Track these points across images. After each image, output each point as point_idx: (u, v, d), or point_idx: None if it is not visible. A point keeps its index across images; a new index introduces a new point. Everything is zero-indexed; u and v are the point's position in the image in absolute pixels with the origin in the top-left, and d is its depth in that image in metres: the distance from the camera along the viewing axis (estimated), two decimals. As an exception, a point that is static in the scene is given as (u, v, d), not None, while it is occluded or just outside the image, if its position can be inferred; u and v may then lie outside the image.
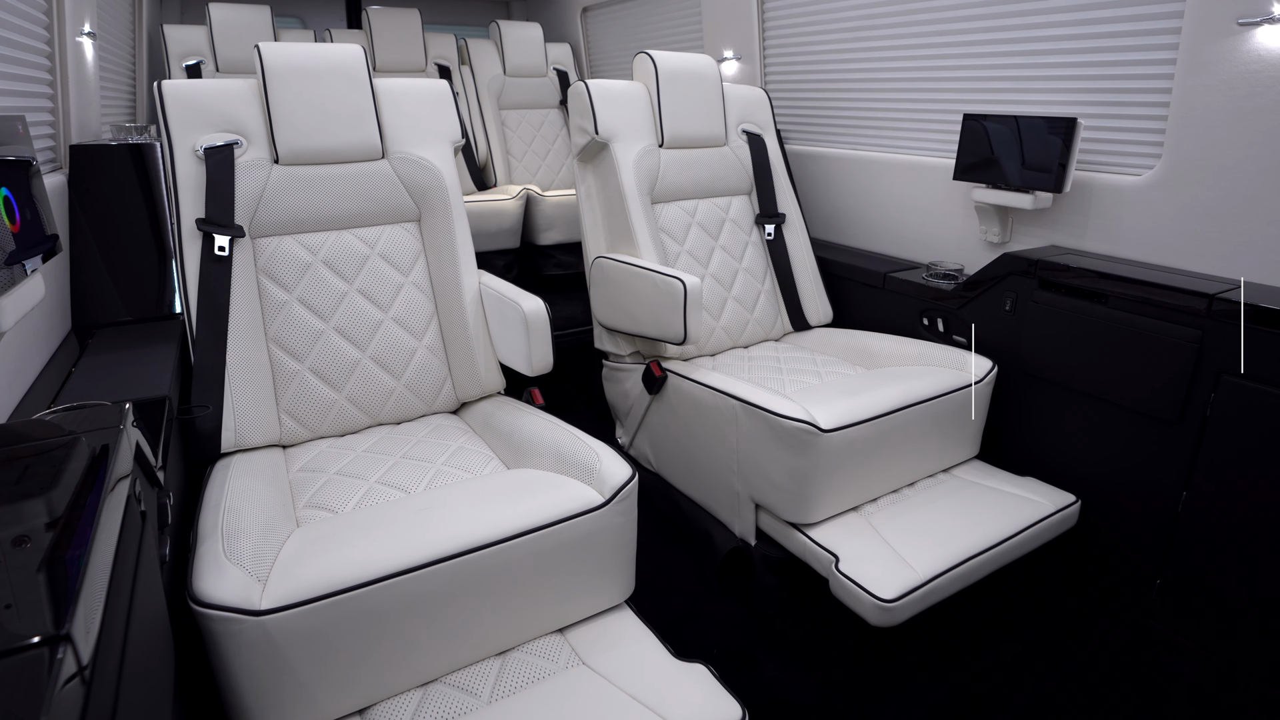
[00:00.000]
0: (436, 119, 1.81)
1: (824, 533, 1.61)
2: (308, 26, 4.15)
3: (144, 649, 0.77)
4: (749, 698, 1.52)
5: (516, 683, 1.20)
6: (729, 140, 2.27)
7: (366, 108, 1.69)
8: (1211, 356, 1.52)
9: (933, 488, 1.79)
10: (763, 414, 1.58)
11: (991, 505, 1.69)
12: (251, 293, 1.59)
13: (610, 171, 2.07)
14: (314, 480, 1.43)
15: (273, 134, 1.62)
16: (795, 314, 2.28)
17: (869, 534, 1.60)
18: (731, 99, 2.30)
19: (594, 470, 1.31)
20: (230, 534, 1.12)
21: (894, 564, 1.49)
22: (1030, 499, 1.72)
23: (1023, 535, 1.61)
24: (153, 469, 1.01)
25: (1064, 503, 1.72)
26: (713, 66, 2.21)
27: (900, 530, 1.60)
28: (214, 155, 1.56)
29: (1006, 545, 1.58)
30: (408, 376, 1.72)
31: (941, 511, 1.67)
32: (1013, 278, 1.88)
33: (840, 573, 1.48)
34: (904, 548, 1.54)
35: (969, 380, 1.79)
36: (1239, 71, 1.54)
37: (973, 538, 1.57)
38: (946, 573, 1.48)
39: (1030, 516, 1.65)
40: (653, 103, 2.13)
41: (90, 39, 1.94)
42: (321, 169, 1.67)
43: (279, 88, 1.61)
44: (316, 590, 1.05)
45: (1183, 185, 1.68)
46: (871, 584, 1.44)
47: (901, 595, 1.41)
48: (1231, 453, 1.51)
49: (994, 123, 1.96)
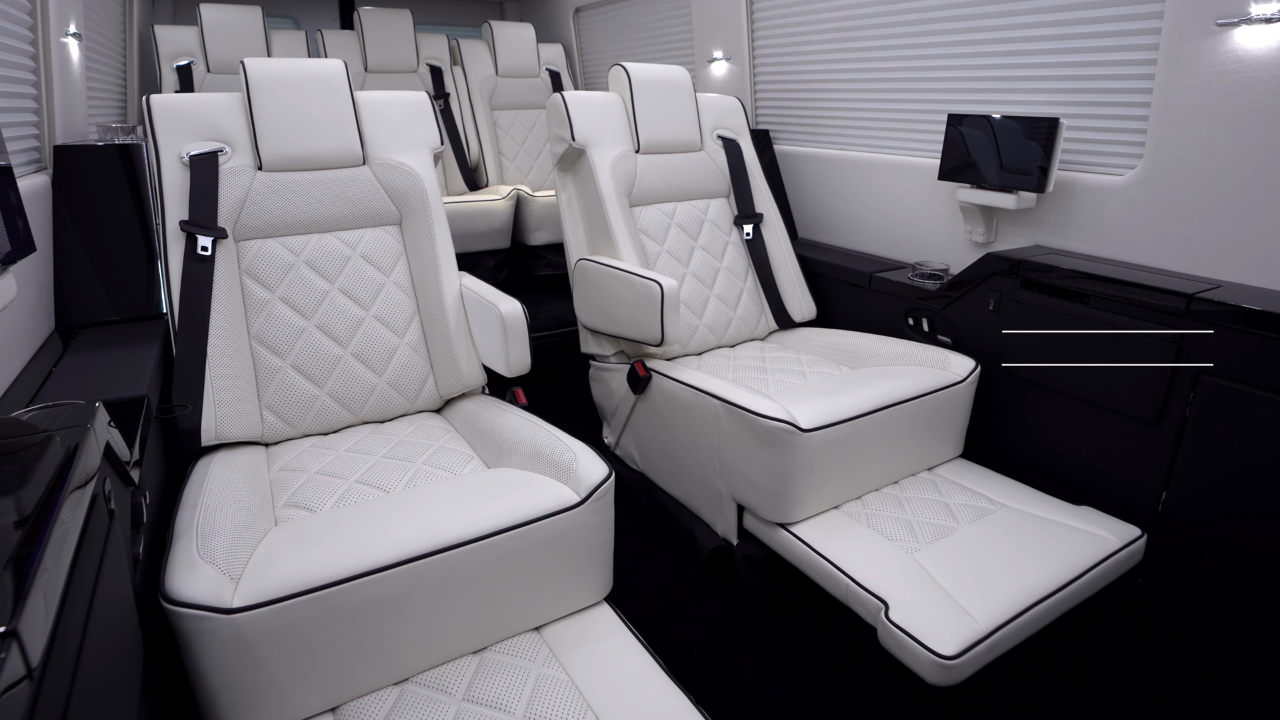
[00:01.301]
0: (416, 126, 1.85)
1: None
2: (300, 27, 4.15)
3: (107, 648, 0.77)
4: (727, 697, 1.53)
5: (491, 681, 1.21)
6: (705, 145, 2.31)
7: (347, 116, 1.74)
8: (1190, 356, 1.52)
9: (970, 516, 1.63)
10: (743, 413, 1.58)
11: (1046, 539, 1.53)
12: (235, 292, 1.62)
13: (588, 176, 2.10)
14: (294, 479, 1.43)
15: (256, 142, 1.66)
16: (779, 311, 2.29)
17: (918, 574, 1.42)
18: (705, 106, 2.35)
19: (570, 469, 1.31)
20: (205, 532, 1.13)
21: (950, 612, 1.31)
22: (1091, 532, 1.55)
23: (1088, 576, 1.44)
24: (125, 468, 1.01)
25: (1129, 536, 1.54)
26: (685, 75, 2.26)
27: (950, 569, 1.43)
28: (199, 162, 1.60)
29: (1073, 588, 1.41)
30: (389, 373, 1.73)
31: (990, 547, 1.50)
32: (996, 278, 1.88)
33: (891, 622, 1.29)
34: (957, 590, 1.37)
35: (951, 380, 1.80)
36: (1218, 72, 1.55)
37: (1034, 578, 1.40)
38: (1011, 622, 1.30)
39: (1094, 554, 1.47)
40: (628, 111, 2.18)
41: (76, 40, 1.95)
42: (304, 175, 1.71)
43: (262, 98, 1.67)
44: (289, 589, 1.06)
45: (1164, 185, 1.69)
46: (929, 636, 1.25)
47: (963, 650, 1.23)
48: (1210, 453, 1.51)
49: (977, 123, 1.96)
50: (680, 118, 2.23)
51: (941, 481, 1.80)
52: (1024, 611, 1.33)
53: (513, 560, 1.23)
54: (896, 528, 1.60)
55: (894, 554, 1.49)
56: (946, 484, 1.79)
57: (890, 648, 1.30)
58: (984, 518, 1.61)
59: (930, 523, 1.61)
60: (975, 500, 1.70)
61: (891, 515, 1.65)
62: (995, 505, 1.67)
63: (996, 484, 1.78)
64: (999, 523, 1.59)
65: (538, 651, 1.28)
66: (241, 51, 3.18)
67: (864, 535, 1.57)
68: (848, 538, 1.57)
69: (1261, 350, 1.41)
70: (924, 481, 1.80)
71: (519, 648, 1.29)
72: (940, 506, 1.67)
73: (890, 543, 1.53)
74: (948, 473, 1.84)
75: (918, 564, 1.46)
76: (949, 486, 1.77)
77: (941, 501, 1.70)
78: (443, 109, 3.56)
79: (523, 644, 1.30)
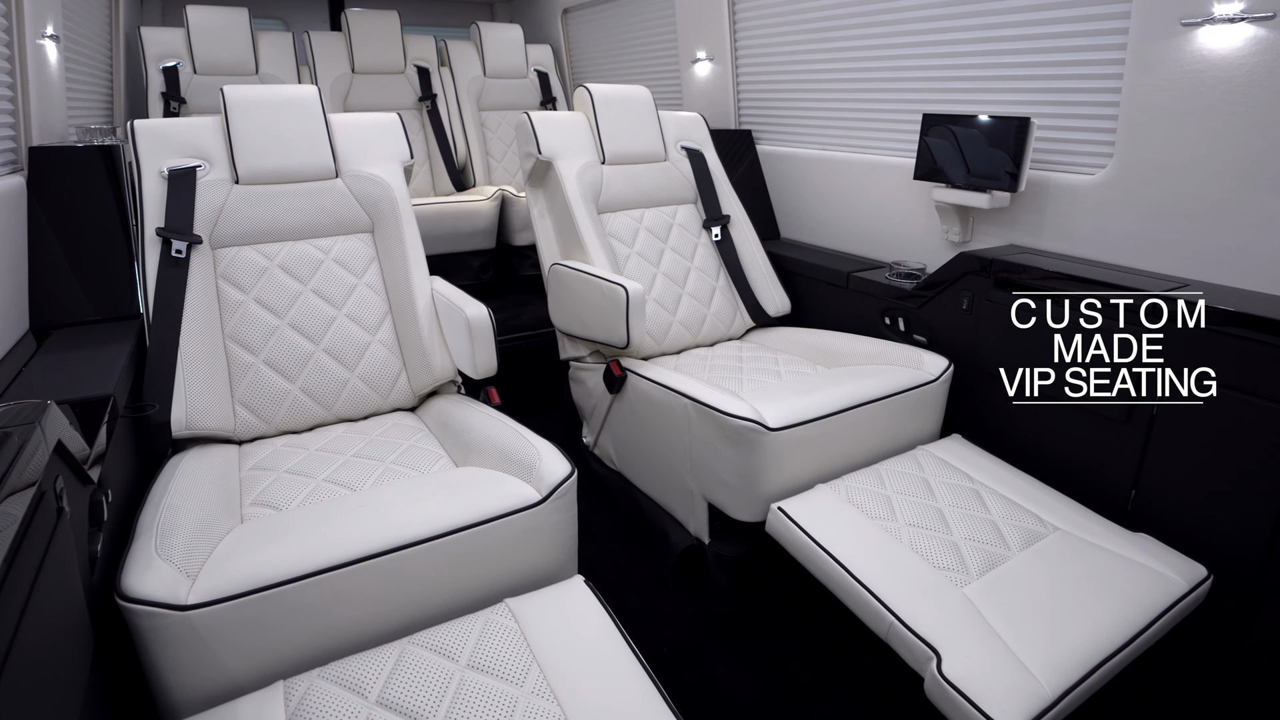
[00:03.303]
0: (386, 141, 1.94)
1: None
2: (290, 28, 4.16)
3: (47, 644, 0.78)
4: (696, 695, 1.53)
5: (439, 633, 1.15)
6: (669, 155, 2.39)
7: (320, 134, 1.83)
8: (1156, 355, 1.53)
9: (1032, 551, 1.42)
10: (712, 412, 1.59)
11: (1103, 576, 1.34)
12: (210, 294, 1.66)
13: (556, 186, 2.17)
14: (264, 478, 1.44)
15: (233, 157, 1.75)
16: (753, 306, 2.32)
17: (969, 614, 1.25)
18: (668, 120, 2.43)
19: (533, 468, 1.32)
20: (165, 530, 1.14)
21: (1011, 670, 1.14)
22: (1155, 570, 1.36)
23: (1158, 624, 1.27)
24: (81, 466, 1.02)
25: (1195, 576, 1.37)
26: (645, 93, 2.36)
27: (1004, 610, 1.26)
28: (177, 175, 1.68)
29: (1141, 639, 1.24)
30: (361, 368, 1.75)
31: (1046, 585, 1.32)
32: (969, 277, 1.89)
33: (943, 677, 1.13)
34: (1017, 643, 1.19)
35: (924, 379, 1.80)
36: (1184, 72, 1.55)
37: (1100, 627, 1.23)
38: (1079, 684, 1.15)
39: (1162, 597, 1.30)
40: (592, 127, 2.26)
41: (53, 41, 1.96)
42: (279, 187, 1.79)
43: (240, 119, 1.76)
44: (244, 585, 1.06)
45: (1133, 185, 1.69)
46: (988, 701, 1.09)
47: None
48: (1176, 449, 1.52)
49: (951, 123, 1.97)
50: (642, 130, 2.32)
51: (932, 472, 1.67)
52: (1093, 671, 1.16)
53: (472, 558, 1.24)
54: (880, 506, 1.50)
55: (943, 588, 1.31)
56: (937, 471, 1.67)
57: (937, 702, 1.15)
58: (1036, 542, 1.44)
59: (941, 523, 1.48)
60: (970, 485, 1.60)
61: (872, 491, 1.56)
62: (1047, 528, 1.48)
63: (987, 464, 1.69)
64: (1053, 552, 1.41)
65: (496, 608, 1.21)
66: (228, 53, 3.19)
67: (896, 551, 1.40)
68: (873, 548, 1.41)
69: (1222, 349, 1.42)
70: (914, 479, 1.64)
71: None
72: (934, 511, 1.54)
73: (937, 571, 1.35)
74: (941, 453, 1.74)
75: (969, 601, 1.28)
76: (939, 468, 1.67)
77: (935, 506, 1.56)
78: (429, 110, 3.57)
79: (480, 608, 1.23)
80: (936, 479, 1.64)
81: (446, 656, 1.09)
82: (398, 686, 1.03)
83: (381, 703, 1.01)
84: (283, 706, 1.00)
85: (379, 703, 1.01)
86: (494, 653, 1.10)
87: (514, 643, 1.12)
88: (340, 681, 1.04)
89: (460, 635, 1.13)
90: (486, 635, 1.13)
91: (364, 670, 1.06)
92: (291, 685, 1.04)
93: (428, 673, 1.06)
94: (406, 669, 1.06)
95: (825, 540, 1.44)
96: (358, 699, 1.02)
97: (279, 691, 1.03)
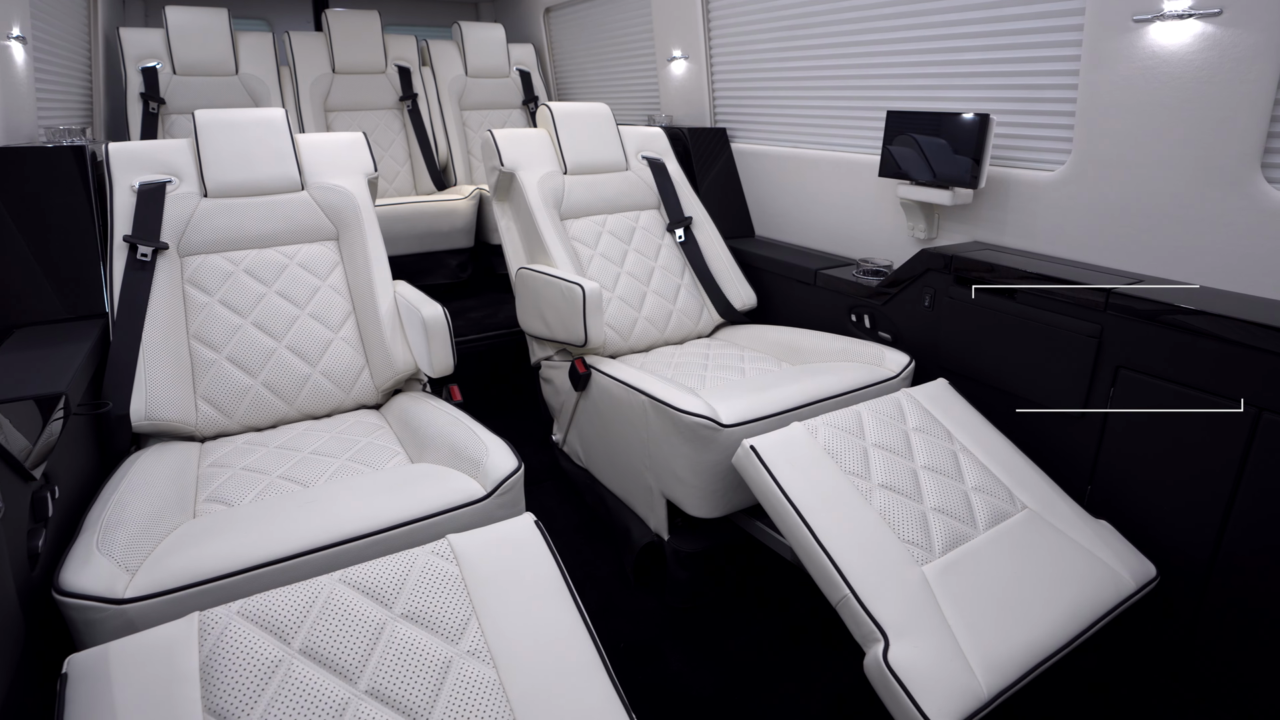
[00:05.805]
0: (350, 155, 2.01)
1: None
2: (273, 29, 4.17)
3: None
4: (651, 691, 1.54)
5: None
6: (630, 165, 2.46)
7: (286, 151, 1.90)
8: (1110, 350, 1.53)
9: (997, 532, 1.41)
10: (667, 409, 1.60)
11: (1064, 568, 1.35)
12: (176, 297, 1.70)
13: (520, 195, 2.23)
14: (219, 474, 1.45)
15: (202, 173, 1.81)
16: (720, 302, 2.35)
17: (927, 602, 1.24)
18: (629, 134, 2.52)
19: (480, 463, 1.33)
20: (109, 526, 1.15)
21: (953, 667, 1.15)
22: (1110, 567, 1.37)
23: (1100, 624, 1.30)
24: (19, 463, 1.03)
25: (1145, 577, 1.39)
26: (605, 109, 2.46)
27: (960, 599, 1.26)
28: (147, 189, 1.74)
29: (1082, 639, 1.27)
30: (323, 364, 1.78)
31: (1003, 573, 1.32)
32: (931, 274, 1.89)
33: (887, 664, 1.14)
34: (965, 636, 1.20)
35: (884, 375, 1.81)
36: (1137, 68, 1.56)
37: (1047, 626, 1.24)
38: (1015, 686, 1.16)
39: (1110, 597, 1.32)
40: (554, 142, 2.34)
41: (20, 43, 1.97)
42: (245, 199, 1.84)
43: (209, 138, 1.84)
44: (184, 580, 1.07)
45: (1090, 181, 1.70)
46: (924, 694, 1.10)
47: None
48: (1130, 446, 1.52)
49: (912, 120, 1.97)
50: (602, 142, 2.40)
51: (914, 423, 1.62)
52: (1030, 672, 1.19)
53: None
54: (856, 460, 1.46)
55: (903, 564, 1.29)
56: (919, 421, 1.62)
57: (875, 683, 1.16)
58: (1002, 521, 1.43)
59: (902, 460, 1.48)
60: (949, 444, 1.57)
61: (850, 439, 1.51)
62: (1016, 505, 1.48)
63: (969, 420, 1.66)
64: (1016, 534, 1.41)
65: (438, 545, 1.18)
66: (207, 53, 3.20)
67: (864, 516, 1.36)
68: (841, 509, 1.36)
69: (1174, 345, 1.42)
70: (894, 429, 1.58)
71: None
72: (909, 473, 1.50)
73: (901, 544, 1.33)
74: (925, 400, 1.70)
75: (926, 583, 1.28)
76: (922, 419, 1.62)
77: (911, 467, 1.51)
78: (410, 109, 3.58)
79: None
80: (917, 433, 1.59)
81: (379, 601, 1.04)
82: (323, 633, 0.98)
83: (305, 651, 0.97)
84: (197, 646, 0.94)
85: (301, 650, 0.97)
86: (431, 601, 1.06)
87: (453, 590, 1.08)
88: (261, 622, 0.98)
89: (397, 574, 1.08)
90: (425, 579, 1.08)
91: (288, 608, 1.00)
92: (208, 620, 0.97)
93: (357, 619, 1.01)
94: (335, 613, 1.01)
95: (793, 492, 1.37)
96: (279, 645, 0.97)
97: (194, 625, 0.96)
